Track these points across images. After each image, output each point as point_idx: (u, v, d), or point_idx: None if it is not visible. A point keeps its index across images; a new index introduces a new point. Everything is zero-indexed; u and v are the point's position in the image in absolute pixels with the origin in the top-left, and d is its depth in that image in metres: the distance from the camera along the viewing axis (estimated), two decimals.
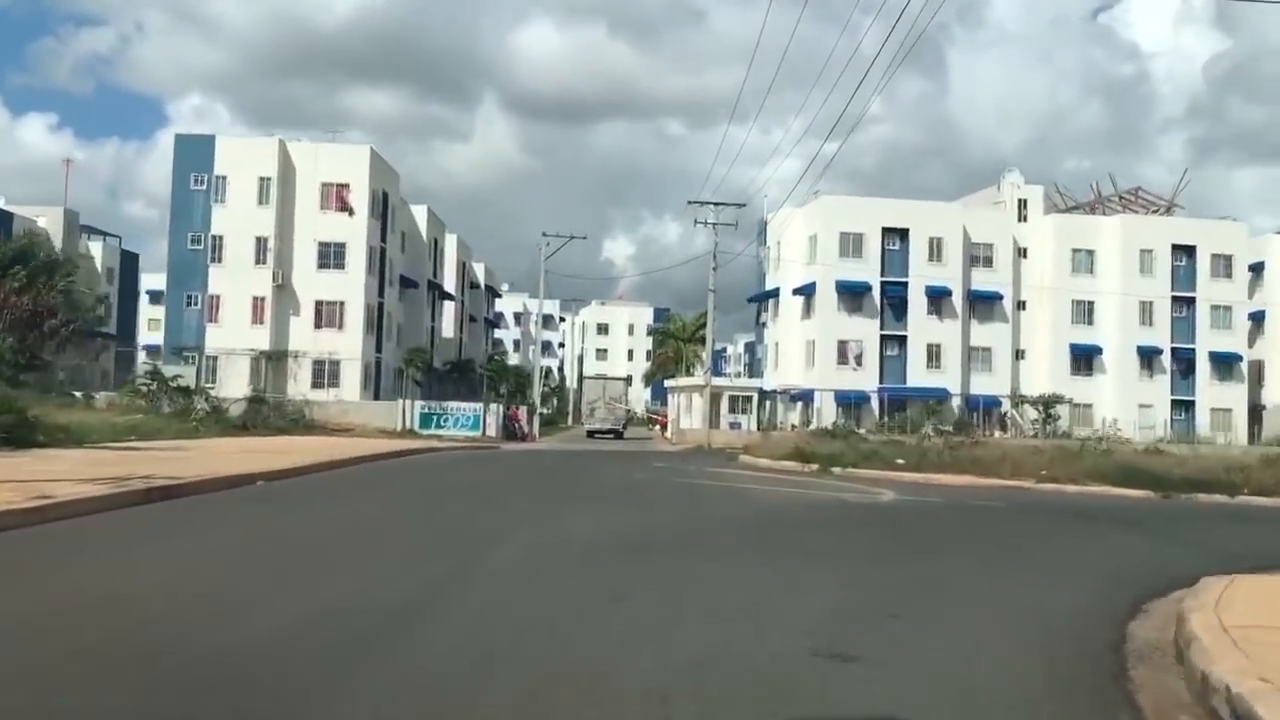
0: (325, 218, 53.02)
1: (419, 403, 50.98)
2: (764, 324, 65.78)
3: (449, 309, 77.42)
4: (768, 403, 59.26)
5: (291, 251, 52.97)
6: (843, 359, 58.24)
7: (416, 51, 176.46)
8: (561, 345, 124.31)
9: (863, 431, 44.73)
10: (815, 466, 26.47)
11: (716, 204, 49.18)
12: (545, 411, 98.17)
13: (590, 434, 56.93)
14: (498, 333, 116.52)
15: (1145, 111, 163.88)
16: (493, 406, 51.24)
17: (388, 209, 57.36)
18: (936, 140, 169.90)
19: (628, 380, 69.86)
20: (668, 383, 67.37)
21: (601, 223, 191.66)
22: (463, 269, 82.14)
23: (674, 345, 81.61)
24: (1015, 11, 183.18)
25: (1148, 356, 61.30)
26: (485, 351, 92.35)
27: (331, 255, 53.15)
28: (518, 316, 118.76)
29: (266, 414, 48.90)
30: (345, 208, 53.07)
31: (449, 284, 76.31)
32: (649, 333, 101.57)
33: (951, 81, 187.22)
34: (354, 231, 53.11)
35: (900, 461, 26.62)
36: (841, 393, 56.64)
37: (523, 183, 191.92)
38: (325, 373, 52.69)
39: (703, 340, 75.84)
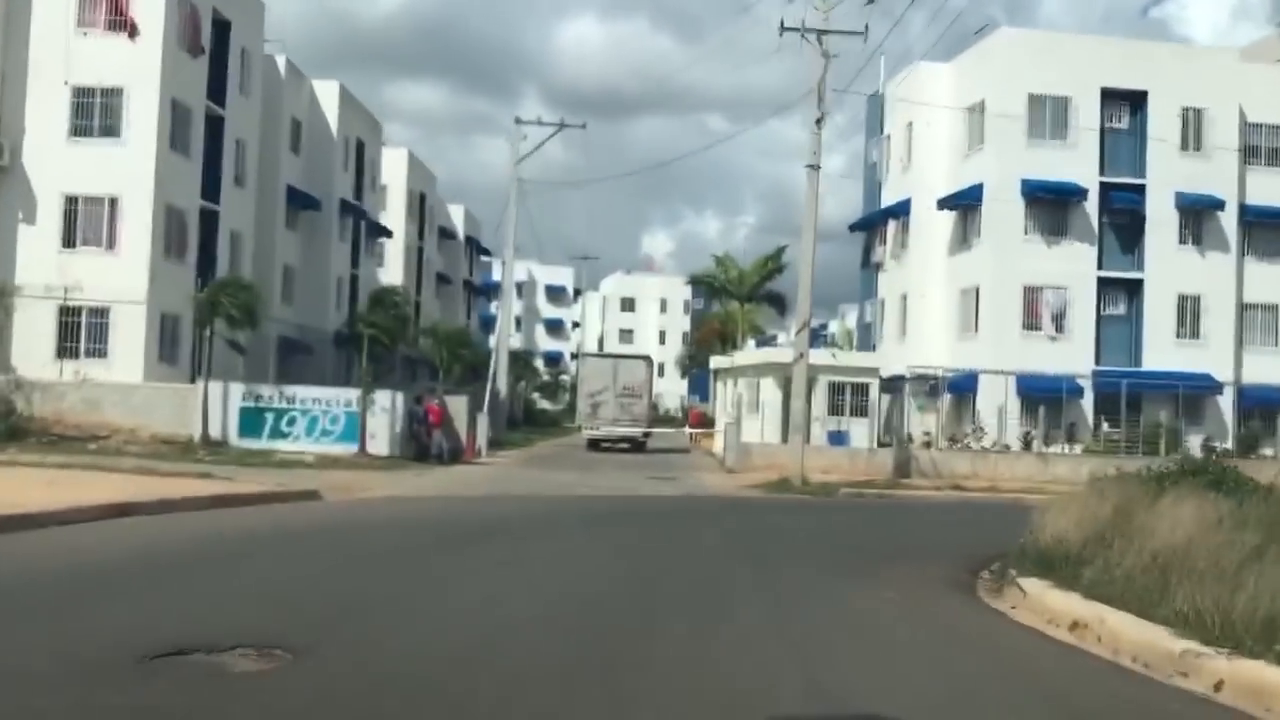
0: (86, 44, 28.36)
1: (239, 388, 26.43)
2: (877, 264, 39.53)
3: (394, 255, 52.71)
4: (885, 397, 34.37)
5: (21, 105, 28.42)
6: (1032, 320, 32.58)
7: (458, 45, 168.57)
8: (576, 325, 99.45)
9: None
10: None
11: None
12: (549, 408, 72.57)
13: (592, 445, 36.55)
14: (493, 306, 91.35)
15: None
16: (379, 396, 26.58)
17: (229, 47, 32.68)
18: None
19: (652, 363, 42.77)
20: (715, 362, 41.90)
21: (641, 218, 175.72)
22: (420, 202, 57.25)
23: (722, 313, 55.64)
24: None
25: None
26: (467, 326, 66.91)
27: (97, 111, 28.44)
28: (521, 289, 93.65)
29: None
30: (122, 23, 28.48)
31: (392, 220, 51.72)
32: (688, 282, 72.25)
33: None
34: (139, 69, 28.36)
35: None
36: (1029, 378, 31.05)
37: (564, 178, 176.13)
38: (83, 329, 28.16)
39: (769, 300, 50.04)
